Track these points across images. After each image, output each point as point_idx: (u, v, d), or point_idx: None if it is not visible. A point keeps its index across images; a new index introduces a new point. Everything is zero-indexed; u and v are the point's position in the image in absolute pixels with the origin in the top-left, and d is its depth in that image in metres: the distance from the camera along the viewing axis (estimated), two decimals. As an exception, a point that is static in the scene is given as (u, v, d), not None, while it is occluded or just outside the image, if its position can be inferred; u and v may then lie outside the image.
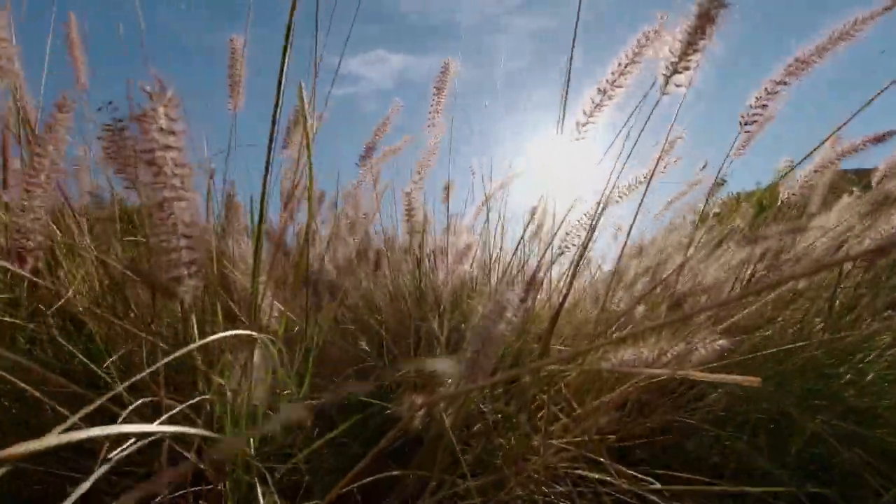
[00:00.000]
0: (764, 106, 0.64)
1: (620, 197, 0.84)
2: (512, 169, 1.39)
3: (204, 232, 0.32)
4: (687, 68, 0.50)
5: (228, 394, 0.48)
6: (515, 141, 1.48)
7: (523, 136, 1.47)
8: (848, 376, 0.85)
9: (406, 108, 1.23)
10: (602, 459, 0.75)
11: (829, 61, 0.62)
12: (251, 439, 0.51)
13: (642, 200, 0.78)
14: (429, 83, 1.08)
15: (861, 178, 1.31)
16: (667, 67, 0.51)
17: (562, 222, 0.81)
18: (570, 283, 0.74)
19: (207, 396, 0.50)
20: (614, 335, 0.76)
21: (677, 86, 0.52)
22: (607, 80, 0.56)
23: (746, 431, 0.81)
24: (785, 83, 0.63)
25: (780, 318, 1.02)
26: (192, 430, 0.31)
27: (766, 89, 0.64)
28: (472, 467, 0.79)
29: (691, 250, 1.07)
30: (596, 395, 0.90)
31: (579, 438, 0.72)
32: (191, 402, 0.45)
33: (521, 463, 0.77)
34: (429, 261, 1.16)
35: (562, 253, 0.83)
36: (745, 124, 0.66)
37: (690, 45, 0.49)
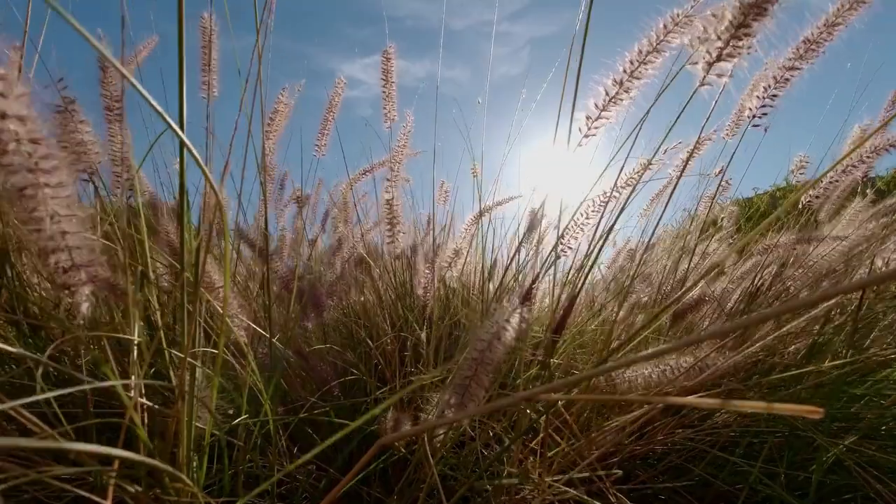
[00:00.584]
0: (774, 96, 0.57)
1: (620, 191, 0.76)
2: (505, 171, 1.33)
3: (82, 227, 0.24)
4: (732, 56, 0.42)
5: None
6: (513, 141, 1.41)
7: (522, 137, 1.41)
8: (867, 397, 0.79)
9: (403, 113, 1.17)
10: (603, 488, 0.68)
11: (840, 38, 0.54)
12: (196, 470, 0.42)
13: (664, 210, 0.72)
14: (426, 85, 1.03)
15: (867, 182, 1.26)
16: (709, 52, 0.43)
17: (564, 226, 0.74)
18: (571, 295, 0.67)
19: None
20: (619, 352, 0.69)
21: (719, 75, 0.44)
22: (624, 70, 0.49)
23: (760, 455, 0.74)
24: (795, 68, 0.56)
25: (790, 333, 0.96)
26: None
27: (774, 78, 0.57)
28: (463, 496, 0.71)
29: (695, 259, 1.00)
30: (598, 415, 0.83)
31: (581, 475, 0.64)
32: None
33: (515, 494, 0.69)
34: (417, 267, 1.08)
35: (558, 257, 0.76)
36: (754, 117, 0.59)
37: (742, 26, 0.40)
